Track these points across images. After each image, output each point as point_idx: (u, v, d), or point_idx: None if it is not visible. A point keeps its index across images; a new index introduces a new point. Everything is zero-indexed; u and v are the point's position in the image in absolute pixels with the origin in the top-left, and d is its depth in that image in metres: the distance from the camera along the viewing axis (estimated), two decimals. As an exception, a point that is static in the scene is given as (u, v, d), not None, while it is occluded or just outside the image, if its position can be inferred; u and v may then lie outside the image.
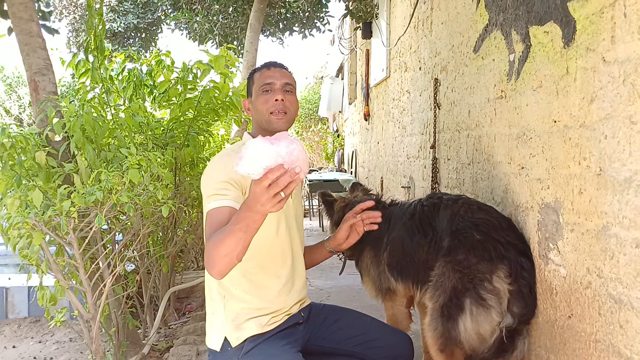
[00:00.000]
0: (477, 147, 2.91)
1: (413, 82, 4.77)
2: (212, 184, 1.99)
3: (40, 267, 2.51)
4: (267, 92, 2.20)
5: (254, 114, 2.26)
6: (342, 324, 2.35)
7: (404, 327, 2.59)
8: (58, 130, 2.72)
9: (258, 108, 2.21)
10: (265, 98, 2.19)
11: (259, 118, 2.22)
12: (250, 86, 2.28)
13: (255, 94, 2.24)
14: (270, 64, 2.29)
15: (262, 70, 2.27)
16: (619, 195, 1.57)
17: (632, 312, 1.52)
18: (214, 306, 2.12)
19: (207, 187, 2.00)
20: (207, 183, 2.02)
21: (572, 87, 1.84)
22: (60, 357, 3.70)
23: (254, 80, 2.27)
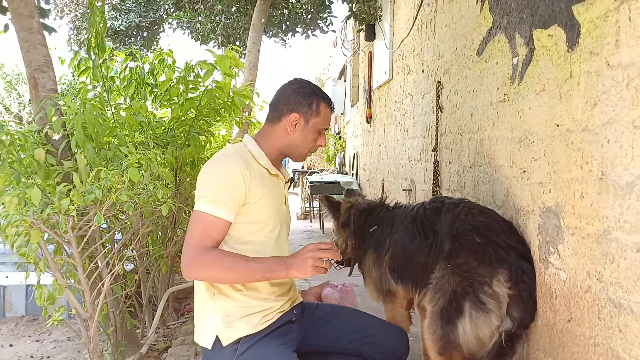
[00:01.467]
0: (479, 150, 2.90)
1: (416, 84, 4.77)
2: (215, 185, 2.01)
3: (38, 266, 2.50)
4: (320, 134, 2.27)
5: (296, 138, 2.23)
6: (336, 322, 2.35)
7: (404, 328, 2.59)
8: (57, 128, 2.71)
9: (306, 140, 2.24)
10: (316, 137, 2.25)
11: (298, 146, 2.24)
12: (310, 112, 2.22)
13: (313, 127, 2.23)
14: (332, 106, 2.31)
15: (328, 109, 2.28)
16: (620, 200, 1.56)
17: (632, 317, 1.51)
18: (204, 304, 2.11)
19: (209, 187, 2.01)
20: (209, 182, 2.03)
21: (575, 90, 1.83)
22: (58, 356, 3.69)
23: (319, 111, 2.24)
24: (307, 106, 2.22)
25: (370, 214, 2.68)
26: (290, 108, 2.22)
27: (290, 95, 2.25)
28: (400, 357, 2.37)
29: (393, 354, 2.36)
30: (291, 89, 2.26)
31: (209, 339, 2.07)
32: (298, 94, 2.24)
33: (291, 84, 2.30)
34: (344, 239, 2.73)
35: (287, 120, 2.22)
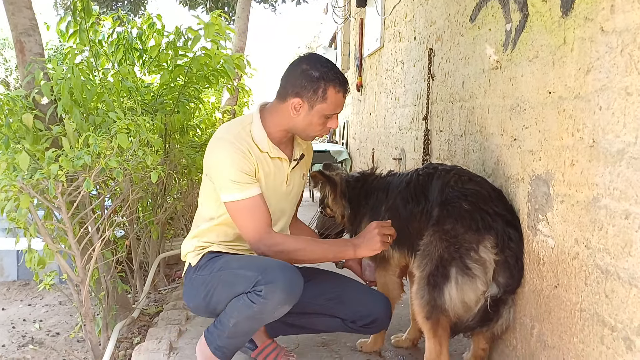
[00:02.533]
0: (470, 118, 2.90)
1: (407, 52, 4.73)
2: (232, 175, 2.15)
3: (28, 230, 2.50)
4: (329, 119, 2.26)
5: (301, 121, 2.25)
6: (316, 280, 2.45)
7: (394, 296, 2.63)
8: (46, 92, 2.67)
9: (312, 124, 2.25)
10: (325, 122, 2.26)
11: (304, 129, 2.28)
12: (316, 97, 2.20)
13: (319, 113, 2.22)
14: (347, 88, 2.26)
15: (339, 94, 2.23)
16: (610, 167, 1.57)
17: (619, 282, 1.53)
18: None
19: (226, 178, 2.16)
20: (225, 172, 2.16)
21: (568, 57, 1.83)
22: (50, 320, 3.72)
23: (326, 96, 2.20)
24: (312, 91, 2.19)
25: (365, 183, 2.68)
26: (295, 91, 2.20)
27: (297, 76, 2.21)
28: (375, 319, 2.44)
29: (368, 316, 2.43)
30: (299, 70, 2.22)
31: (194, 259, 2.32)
32: (305, 77, 2.19)
33: (301, 62, 2.25)
34: (342, 210, 2.73)
35: (290, 103, 2.22)
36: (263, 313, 2.10)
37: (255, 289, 2.06)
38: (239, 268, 2.18)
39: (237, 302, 2.13)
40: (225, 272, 2.20)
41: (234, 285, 2.14)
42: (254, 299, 2.06)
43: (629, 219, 1.48)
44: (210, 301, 2.23)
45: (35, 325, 3.61)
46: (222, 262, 2.24)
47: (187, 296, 2.37)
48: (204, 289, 2.23)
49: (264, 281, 2.04)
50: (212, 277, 2.22)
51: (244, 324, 2.16)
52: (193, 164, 3.91)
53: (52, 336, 3.43)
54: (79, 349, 3.20)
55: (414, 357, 2.67)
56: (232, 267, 2.20)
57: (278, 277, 2.06)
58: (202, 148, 4.29)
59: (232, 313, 2.15)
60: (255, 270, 2.09)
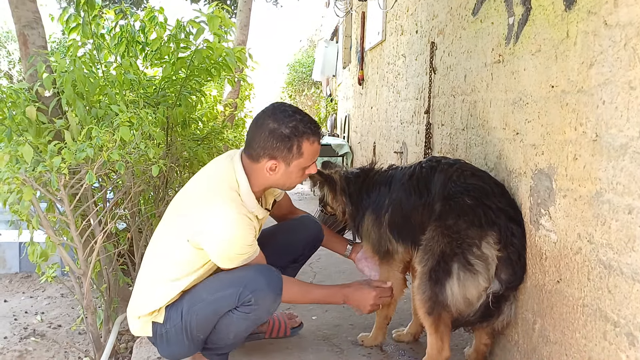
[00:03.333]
0: (472, 112, 2.90)
1: (409, 45, 4.72)
2: (244, 247, 2.14)
3: (31, 223, 2.50)
4: (307, 168, 2.26)
5: (279, 179, 2.23)
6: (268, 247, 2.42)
7: (398, 291, 2.62)
8: (48, 85, 2.67)
9: (292, 179, 2.24)
10: (302, 174, 2.26)
11: (283, 183, 2.27)
12: (290, 155, 2.16)
13: (297, 167, 2.20)
14: (320, 135, 2.25)
15: (314, 144, 2.20)
16: (614, 162, 1.57)
17: (622, 278, 1.53)
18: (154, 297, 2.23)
19: (240, 248, 2.14)
20: (238, 247, 2.13)
21: (571, 51, 1.82)
22: (52, 312, 3.73)
23: (301, 152, 2.15)
24: (286, 150, 2.14)
25: (366, 178, 2.68)
26: (267, 153, 2.14)
27: (267, 138, 2.13)
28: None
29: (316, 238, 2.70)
30: (267, 130, 2.13)
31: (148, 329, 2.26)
32: (274, 138, 2.12)
33: (267, 121, 2.15)
34: (342, 207, 2.74)
35: (264, 165, 2.17)
36: (260, 316, 2.21)
37: (243, 302, 2.12)
38: (212, 294, 2.16)
39: (228, 320, 2.18)
40: (199, 305, 2.17)
41: (215, 310, 2.16)
42: (247, 310, 2.14)
43: (632, 213, 1.48)
44: (195, 337, 2.22)
45: (37, 317, 3.63)
46: (187, 301, 2.19)
47: (166, 351, 2.31)
48: (182, 334, 2.20)
49: (249, 291, 2.10)
50: (186, 318, 2.18)
51: (244, 331, 2.27)
52: (195, 157, 3.91)
53: (54, 328, 3.44)
54: (81, 341, 3.21)
55: (415, 352, 2.67)
56: (203, 298, 2.17)
57: (260, 282, 2.13)
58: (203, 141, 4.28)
59: (229, 330, 2.21)
60: (234, 286, 2.12)
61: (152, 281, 2.25)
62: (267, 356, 2.59)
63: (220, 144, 4.52)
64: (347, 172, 2.74)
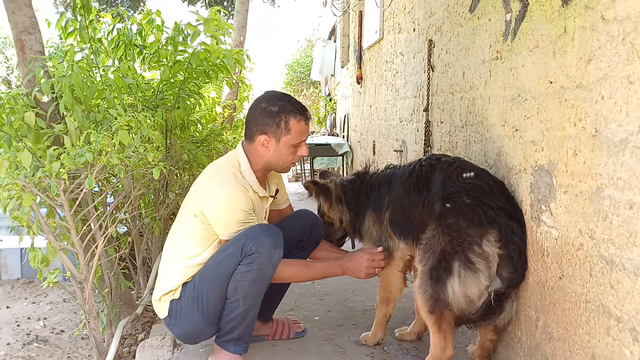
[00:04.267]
0: (471, 109, 2.89)
1: (407, 43, 4.71)
2: (239, 212, 2.29)
3: (32, 229, 2.49)
4: (299, 147, 2.44)
5: (270, 156, 2.42)
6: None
7: (397, 290, 2.63)
8: (46, 90, 2.66)
9: (283, 156, 2.42)
10: (294, 151, 2.43)
11: (277, 162, 2.45)
12: (279, 131, 2.37)
13: (284, 144, 2.40)
14: (307, 115, 2.43)
15: (301, 122, 2.40)
16: (614, 157, 1.57)
17: (624, 273, 1.53)
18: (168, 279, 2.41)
19: (237, 214, 2.29)
20: (234, 210, 2.29)
21: (569, 46, 1.81)
22: (54, 318, 3.72)
23: (288, 128, 2.37)
24: (275, 126, 2.37)
25: (363, 182, 2.68)
26: (259, 129, 2.39)
27: (258, 116, 2.40)
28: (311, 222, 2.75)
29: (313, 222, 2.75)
30: (259, 109, 2.40)
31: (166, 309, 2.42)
32: (265, 114, 2.38)
33: (259, 102, 2.43)
34: (340, 215, 2.75)
35: (258, 142, 2.40)
36: (263, 266, 2.27)
37: (245, 253, 2.23)
38: (217, 257, 2.32)
39: (235, 280, 2.27)
40: (207, 271, 2.33)
41: (221, 272, 2.29)
42: (250, 260, 2.24)
43: (633, 208, 1.48)
44: (205, 307, 2.33)
45: (39, 323, 3.62)
46: (199, 273, 2.36)
47: (178, 328, 2.42)
48: (194, 304, 2.33)
49: (249, 241, 2.23)
50: (197, 287, 2.33)
51: (252, 291, 2.31)
52: (194, 160, 3.90)
53: (57, 334, 3.43)
54: (84, 346, 3.21)
55: (418, 351, 2.67)
56: (211, 264, 2.33)
57: (258, 232, 2.26)
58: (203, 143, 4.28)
59: (237, 291, 2.28)
60: (235, 244, 2.26)
61: (169, 261, 2.45)
62: (269, 357, 2.59)
63: (220, 145, 4.51)
64: (342, 179, 2.76)
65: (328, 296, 3.49)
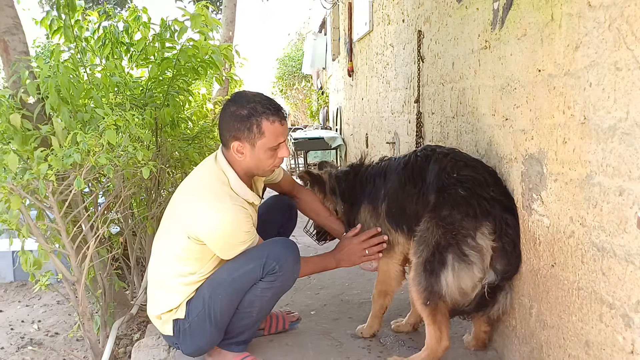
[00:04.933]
0: (461, 100, 2.88)
1: (396, 35, 4.70)
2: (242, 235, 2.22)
3: (21, 232, 2.47)
4: (277, 150, 2.26)
5: (249, 161, 2.26)
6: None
7: (396, 283, 2.62)
8: (32, 91, 2.63)
9: (261, 160, 2.26)
10: (272, 154, 2.26)
11: (257, 167, 2.29)
12: (251, 135, 2.20)
13: (262, 148, 2.22)
14: (281, 115, 2.25)
15: (275, 123, 2.21)
16: (603, 144, 1.56)
17: (615, 260, 1.53)
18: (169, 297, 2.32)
19: (239, 236, 2.22)
20: (237, 234, 2.21)
21: (556, 34, 1.80)
22: (49, 320, 3.71)
23: (262, 131, 2.19)
24: (246, 131, 2.20)
25: (358, 174, 2.67)
26: (232, 135, 2.23)
27: (228, 120, 2.23)
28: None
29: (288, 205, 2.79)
30: (228, 114, 2.24)
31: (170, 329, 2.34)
32: (234, 119, 2.21)
33: (229, 106, 2.26)
34: (333, 206, 2.75)
35: (232, 149, 2.24)
36: (284, 283, 2.29)
37: (267, 271, 2.21)
38: (233, 273, 2.25)
39: (252, 294, 2.25)
40: (221, 288, 2.25)
41: (238, 289, 2.24)
42: (272, 278, 2.23)
43: (623, 195, 1.47)
44: (219, 322, 2.28)
45: (33, 326, 3.60)
46: (208, 288, 2.27)
47: (190, 346, 2.34)
48: (206, 321, 2.27)
49: (272, 259, 2.21)
50: (209, 304, 2.25)
51: (268, 305, 2.33)
52: (186, 157, 3.88)
53: (51, 336, 3.42)
54: (79, 348, 3.20)
55: (414, 342, 2.67)
56: (224, 279, 2.26)
57: (279, 249, 2.26)
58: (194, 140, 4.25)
59: (253, 305, 2.27)
60: (255, 260, 2.22)
61: (164, 280, 2.33)
62: (266, 353, 2.59)
63: (212, 142, 4.48)
64: (337, 171, 2.74)
65: (324, 290, 3.48)
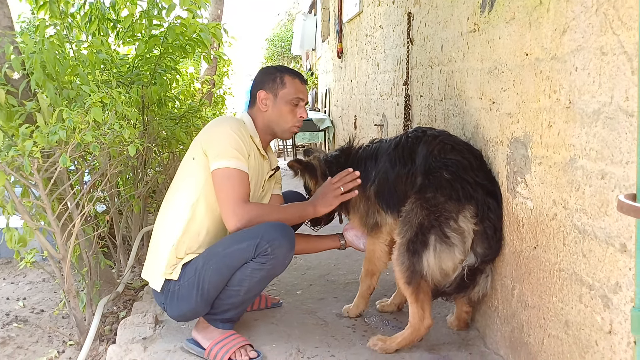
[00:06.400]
0: (450, 82, 2.89)
1: (386, 16, 4.68)
2: (232, 144, 2.32)
3: (6, 209, 2.46)
4: (295, 106, 2.53)
5: (271, 114, 2.52)
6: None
7: (381, 264, 2.64)
8: (17, 67, 2.60)
9: (282, 114, 2.52)
10: (292, 110, 2.53)
11: (276, 121, 2.53)
12: (276, 86, 2.51)
13: (282, 99, 2.51)
14: (303, 78, 2.58)
15: (295, 80, 2.54)
16: (587, 128, 1.58)
17: (596, 242, 1.55)
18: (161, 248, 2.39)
19: (226, 145, 2.32)
20: (226, 141, 2.33)
21: (545, 18, 1.81)
22: (34, 297, 3.70)
23: (284, 83, 2.51)
24: (271, 81, 2.52)
25: (349, 157, 2.67)
26: (259, 88, 2.54)
27: (257, 77, 2.58)
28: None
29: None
30: (259, 73, 2.60)
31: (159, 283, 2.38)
32: (263, 74, 2.57)
33: (259, 69, 2.64)
34: None
35: (259, 100, 2.53)
36: (275, 267, 2.29)
37: (260, 252, 2.23)
38: (227, 248, 2.28)
39: (242, 273, 2.27)
40: (213, 259, 2.28)
41: (229, 264, 2.26)
42: (263, 260, 2.24)
43: (605, 179, 1.49)
44: (206, 293, 2.30)
45: (19, 303, 3.59)
46: (202, 257, 2.33)
47: (175, 309, 2.38)
48: (194, 289, 2.30)
49: (266, 241, 2.22)
50: (200, 272, 2.29)
51: (257, 287, 2.33)
52: (173, 136, 3.86)
53: (37, 313, 3.41)
54: (64, 325, 3.20)
55: (399, 322, 2.70)
56: (218, 252, 2.29)
57: (275, 233, 2.24)
58: (181, 120, 4.23)
59: (242, 284, 2.29)
60: (250, 239, 2.23)
61: (160, 237, 2.43)
62: (252, 331, 2.61)
63: (199, 122, 4.46)
64: (327, 155, 2.74)
65: (310, 270, 3.51)
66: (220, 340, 2.36)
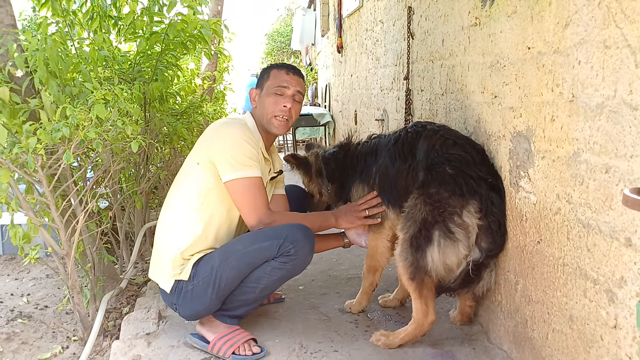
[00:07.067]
0: (451, 77, 2.89)
1: (386, 11, 4.67)
2: (245, 152, 2.34)
3: (10, 205, 2.47)
4: (278, 95, 2.49)
5: (259, 108, 2.54)
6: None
7: (384, 260, 2.64)
8: (20, 65, 2.60)
9: (265, 105, 2.50)
10: (275, 99, 2.49)
11: (262, 114, 2.52)
12: (263, 80, 2.55)
13: (266, 91, 2.52)
14: (290, 68, 2.56)
15: (281, 71, 2.53)
16: (590, 122, 1.58)
17: (600, 236, 1.56)
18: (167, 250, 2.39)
19: (240, 155, 2.33)
20: (239, 150, 2.34)
21: (547, 11, 1.81)
22: (38, 293, 3.71)
23: (269, 76, 2.53)
24: (261, 78, 2.57)
25: (347, 153, 2.68)
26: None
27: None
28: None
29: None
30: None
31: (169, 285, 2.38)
32: (259, 74, 2.63)
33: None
34: (319, 188, 2.76)
35: (251, 98, 2.59)
36: (295, 267, 2.33)
37: (282, 252, 2.26)
38: (248, 246, 2.30)
39: (262, 270, 2.29)
40: (233, 257, 2.29)
41: (250, 262, 2.28)
42: (285, 260, 2.27)
43: (609, 172, 1.50)
44: (222, 290, 2.31)
45: (23, 299, 3.61)
46: (219, 255, 2.33)
47: (186, 309, 2.39)
48: (210, 287, 2.30)
49: (290, 242, 2.25)
50: (217, 270, 2.29)
51: (273, 285, 2.38)
52: (174, 132, 3.87)
53: (41, 309, 3.42)
54: (68, 321, 3.21)
55: (401, 317, 2.71)
56: (238, 250, 2.30)
57: (298, 234, 2.28)
58: (182, 116, 4.24)
59: (259, 281, 2.31)
60: (273, 239, 2.26)
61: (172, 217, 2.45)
62: (255, 326, 2.62)
63: (200, 118, 4.47)
64: (325, 152, 2.75)
65: (312, 265, 3.49)
66: (224, 335, 2.37)
